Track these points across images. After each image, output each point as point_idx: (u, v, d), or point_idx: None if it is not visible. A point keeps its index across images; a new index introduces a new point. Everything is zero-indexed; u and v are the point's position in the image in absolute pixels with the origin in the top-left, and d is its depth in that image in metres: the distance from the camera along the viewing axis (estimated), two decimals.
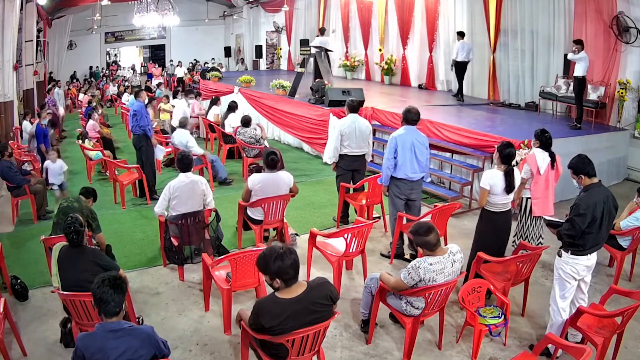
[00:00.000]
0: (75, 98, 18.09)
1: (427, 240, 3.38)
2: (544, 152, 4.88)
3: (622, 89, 8.06)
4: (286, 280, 2.71)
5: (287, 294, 2.72)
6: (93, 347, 2.47)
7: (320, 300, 2.79)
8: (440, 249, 3.43)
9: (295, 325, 2.73)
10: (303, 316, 2.75)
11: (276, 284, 2.72)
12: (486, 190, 4.31)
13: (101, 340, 2.48)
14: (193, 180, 4.86)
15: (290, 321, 2.71)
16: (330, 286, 2.87)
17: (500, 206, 4.37)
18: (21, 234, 6.09)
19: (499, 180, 4.27)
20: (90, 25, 20.38)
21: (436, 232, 3.42)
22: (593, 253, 3.51)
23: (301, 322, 2.75)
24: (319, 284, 2.83)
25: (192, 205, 4.82)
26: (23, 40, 12.03)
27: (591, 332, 3.40)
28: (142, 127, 6.95)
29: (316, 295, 2.77)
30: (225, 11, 23.59)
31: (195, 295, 4.53)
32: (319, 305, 2.79)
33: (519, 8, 9.76)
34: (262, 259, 2.75)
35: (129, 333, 2.52)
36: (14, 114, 10.45)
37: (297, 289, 2.74)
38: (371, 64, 14.43)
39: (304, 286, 2.77)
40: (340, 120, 6.63)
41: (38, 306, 4.36)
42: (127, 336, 2.51)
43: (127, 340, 2.50)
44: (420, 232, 3.40)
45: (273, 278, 2.71)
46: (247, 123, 8.22)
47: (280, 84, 11.13)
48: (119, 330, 2.51)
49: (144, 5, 15.19)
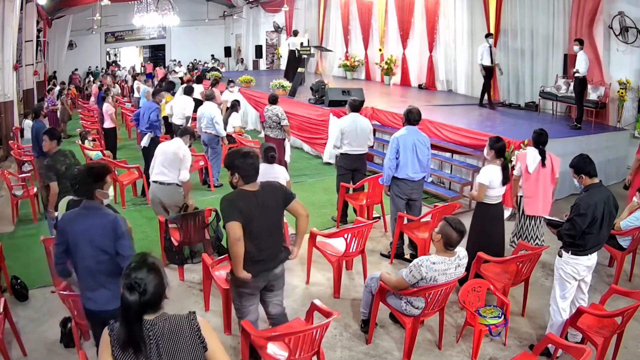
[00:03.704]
0: (76, 98, 18.06)
1: (452, 238, 3.34)
2: (535, 150, 4.89)
3: (622, 89, 8.06)
4: (244, 177, 3.01)
5: (248, 188, 3.03)
6: (68, 223, 2.82)
7: (274, 198, 3.10)
8: (452, 252, 3.43)
9: (257, 213, 2.99)
10: (262, 207, 3.02)
11: (235, 179, 3.03)
12: (485, 186, 4.41)
13: (75, 216, 2.84)
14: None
15: (254, 209, 2.98)
16: (281, 193, 3.16)
17: (495, 198, 4.54)
18: (21, 234, 6.09)
19: (497, 174, 4.40)
20: (90, 25, 20.38)
21: (462, 239, 3.40)
22: (593, 253, 3.51)
23: (259, 212, 3.00)
24: (271, 185, 3.17)
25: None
26: (23, 40, 12.03)
27: (591, 332, 3.40)
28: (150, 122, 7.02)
29: (268, 192, 3.08)
30: (225, 11, 23.60)
31: (195, 295, 4.54)
32: (272, 200, 3.09)
33: (519, 8, 9.76)
34: (228, 155, 3.12)
35: (95, 214, 2.81)
36: (14, 114, 10.45)
37: (254, 186, 3.06)
38: (371, 64, 14.42)
39: (258, 184, 3.08)
40: (341, 119, 6.63)
41: (38, 306, 4.36)
42: (92, 216, 2.80)
43: (91, 219, 2.79)
44: (455, 227, 3.34)
45: (233, 173, 3.02)
46: (275, 101, 7.60)
47: (280, 84, 11.14)
48: (89, 208, 2.83)
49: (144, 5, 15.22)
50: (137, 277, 1.81)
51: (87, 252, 2.76)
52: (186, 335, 1.87)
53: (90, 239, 2.76)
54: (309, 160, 9.49)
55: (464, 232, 3.40)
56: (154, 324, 1.83)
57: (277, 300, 3.33)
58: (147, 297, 1.80)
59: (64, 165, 4.79)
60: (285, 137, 7.39)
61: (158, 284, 1.84)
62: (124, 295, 1.80)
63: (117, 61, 24.23)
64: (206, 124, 7.53)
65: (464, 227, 3.41)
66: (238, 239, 2.90)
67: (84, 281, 2.85)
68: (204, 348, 1.88)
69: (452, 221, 3.39)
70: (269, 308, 3.32)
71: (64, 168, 4.77)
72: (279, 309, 3.34)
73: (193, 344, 1.87)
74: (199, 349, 1.88)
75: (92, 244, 2.76)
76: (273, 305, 3.32)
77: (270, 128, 7.37)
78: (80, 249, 2.78)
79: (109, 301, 2.80)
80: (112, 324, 1.87)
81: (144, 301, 1.80)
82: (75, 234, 2.78)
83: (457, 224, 3.37)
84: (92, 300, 2.84)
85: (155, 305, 1.85)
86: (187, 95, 8.94)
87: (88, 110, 14.03)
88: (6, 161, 9.72)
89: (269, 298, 3.29)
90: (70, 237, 2.79)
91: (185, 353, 1.85)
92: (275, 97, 7.57)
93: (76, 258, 2.82)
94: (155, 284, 1.83)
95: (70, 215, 2.91)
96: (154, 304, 1.84)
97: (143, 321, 1.82)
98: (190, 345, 1.86)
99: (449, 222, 3.38)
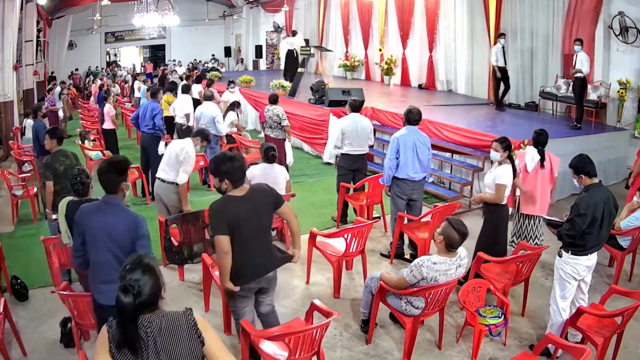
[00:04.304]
0: (76, 98, 18.06)
1: (454, 239, 3.33)
2: (534, 150, 4.90)
3: (622, 89, 8.06)
4: (233, 181, 2.96)
5: (236, 193, 2.99)
6: (84, 216, 2.84)
7: (263, 201, 3.06)
8: (453, 252, 3.43)
9: (246, 218, 2.97)
10: (251, 212, 3.00)
11: (224, 184, 2.97)
12: (505, 186, 4.39)
13: (94, 210, 2.85)
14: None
15: (244, 213, 2.96)
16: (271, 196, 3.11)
17: (505, 199, 4.52)
18: (21, 234, 6.09)
19: (511, 173, 4.43)
20: (90, 25, 20.38)
21: (464, 240, 3.40)
22: (593, 253, 3.51)
23: (249, 216, 2.98)
24: (261, 188, 3.13)
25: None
26: (23, 40, 12.03)
27: (591, 332, 3.40)
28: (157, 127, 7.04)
29: (258, 195, 3.05)
30: (225, 11, 23.60)
31: (195, 295, 4.54)
32: (261, 204, 3.06)
33: (519, 8, 9.76)
34: (213, 162, 3.03)
35: (116, 210, 2.83)
36: (14, 114, 10.46)
37: (243, 190, 3.02)
38: (371, 64, 14.42)
39: (247, 188, 3.05)
40: (341, 119, 6.63)
41: (38, 306, 4.36)
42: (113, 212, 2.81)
43: (111, 214, 2.80)
44: (457, 228, 3.33)
45: (222, 180, 2.96)
46: (275, 101, 7.55)
47: (280, 84, 11.14)
48: (109, 203, 2.84)
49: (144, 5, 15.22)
50: (132, 278, 1.81)
51: (106, 245, 2.78)
52: (183, 331, 1.88)
53: (109, 233, 2.78)
54: (309, 160, 9.49)
55: (466, 234, 3.38)
56: (151, 321, 1.84)
57: (269, 301, 3.36)
58: (143, 299, 1.81)
59: (63, 166, 4.78)
60: (285, 138, 7.38)
61: (153, 284, 1.84)
62: (119, 297, 1.80)
63: (117, 61, 24.23)
64: (206, 124, 7.53)
65: (466, 229, 3.40)
66: (226, 252, 2.91)
67: (98, 274, 2.85)
68: (201, 343, 1.89)
69: (455, 222, 3.38)
70: (260, 308, 3.34)
71: (62, 168, 4.76)
72: (269, 308, 3.37)
73: (190, 339, 1.88)
74: (197, 345, 1.89)
75: (112, 238, 2.78)
76: (264, 306, 3.35)
77: (270, 128, 7.36)
78: (98, 243, 2.79)
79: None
80: (110, 321, 1.88)
81: (139, 302, 1.80)
82: (92, 227, 2.79)
83: (459, 226, 3.36)
84: (104, 294, 2.83)
85: (152, 305, 1.86)
86: (185, 94, 8.99)
87: (88, 110, 14.03)
88: (6, 161, 9.72)
89: (261, 299, 3.31)
90: (87, 229, 2.81)
91: (183, 349, 1.86)
92: (275, 97, 7.56)
93: (92, 251, 2.83)
94: (150, 284, 1.83)
95: (89, 208, 2.91)
96: (150, 305, 1.85)
97: (140, 319, 1.83)
98: (187, 340, 1.88)
99: (452, 224, 3.37)
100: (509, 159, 4.49)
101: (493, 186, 4.45)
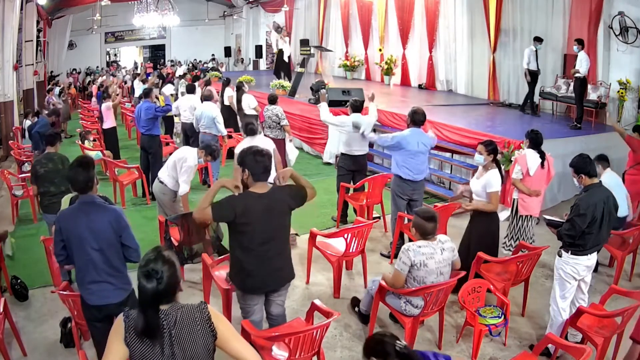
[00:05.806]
0: (76, 98, 18.05)
1: (425, 227, 3.43)
2: (534, 152, 4.88)
3: (622, 89, 8.06)
4: (253, 175, 2.95)
5: (256, 190, 2.96)
6: (66, 220, 2.83)
7: (282, 201, 3.02)
8: (432, 238, 3.49)
9: (260, 216, 2.93)
10: (267, 210, 2.96)
11: (245, 176, 2.96)
12: (498, 192, 4.36)
13: (74, 213, 2.86)
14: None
15: (258, 210, 2.94)
16: (289, 197, 3.05)
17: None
18: (21, 234, 6.09)
19: (499, 178, 4.36)
20: (90, 25, 20.35)
21: (436, 224, 3.47)
22: (593, 253, 3.51)
23: (264, 214, 2.95)
24: (282, 188, 3.09)
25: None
26: (23, 40, 12.03)
27: (591, 332, 3.40)
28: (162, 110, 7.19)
29: (279, 196, 3.01)
30: (225, 11, 23.58)
31: (195, 295, 4.54)
32: (280, 204, 3.01)
33: (519, 8, 9.76)
34: (240, 152, 3.04)
35: (96, 209, 2.85)
36: (14, 114, 10.46)
37: (264, 187, 3.00)
38: (371, 64, 14.42)
39: (269, 187, 3.03)
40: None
41: (38, 306, 4.36)
42: (94, 211, 2.84)
43: (93, 214, 2.82)
44: (424, 216, 3.46)
45: (244, 170, 2.96)
46: (274, 101, 7.60)
47: (280, 84, 11.14)
48: (88, 203, 2.86)
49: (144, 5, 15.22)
50: (154, 267, 1.88)
51: (91, 246, 2.79)
52: (197, 325, 1.93)
53: (94, 234, 2.78)
54: (309, 160, 9.48)
55: (434, 217, 3.47)
56: (168, 314, 1.91)
57: (280, 301, 3.30)
58: (163, 287, 1.87)
59: (44, 169, 4.83)
60: (284, 137, 7.39)
61: (172, 274, 1.91)
62: (141, 283, 1.88)
63: (117, 61, 24.22)
64: (206, 124, 7.53)
65: (434, 212, 3.51)
66: (204, 210, 2.86)
67: (87, 275, 2.85)
68: (213, 337, 1.94)
69: (421, 212, 3.53)
70: (270, 307, 3.29)
71: (43, 171, 4.82)
72: (280, 309, 3.32)
73: (204, 333, 1.93)
74: (209, 338, 1.94)
75: (98, 238, 2.79)
76: (275, 305, 3.28)
77: (269, 128, 7.37)
78: (83, 244, 2.79)
79: (111, 294, 2.83)
80: (126, 311, 1.93)
81: (160, 290, 1.87)
82: (77, 230, 2.79)
83: (424, 213, 3.49)
84: (94, 294, 2.84)
85: (170, 295, 1.92)
86: (190, 94, 8.96)
87: (88, 110, 14.03)
88: (6, 161, 9.73)
89: (273, 298, 3.25)
90: (71, 234, 2.80)
91: (196, 342, 1.92)
92: (274, 97, 7.57)
93: (78, 253, 2.82)
94: (169, 274, 1.90)
95: (68, 212, 2.91)
96: (168, 294, 1.91)
97: (159, 310, 1.89)
98: (201, 335, 1.93)
99: (418, 214, 3.50)
100: (495, 163, 4.36)
101: (483, 194, 4.34)
